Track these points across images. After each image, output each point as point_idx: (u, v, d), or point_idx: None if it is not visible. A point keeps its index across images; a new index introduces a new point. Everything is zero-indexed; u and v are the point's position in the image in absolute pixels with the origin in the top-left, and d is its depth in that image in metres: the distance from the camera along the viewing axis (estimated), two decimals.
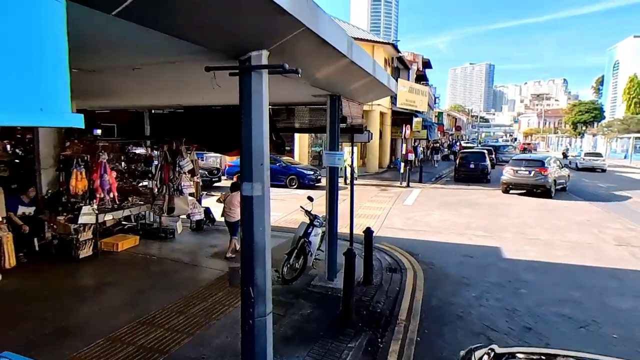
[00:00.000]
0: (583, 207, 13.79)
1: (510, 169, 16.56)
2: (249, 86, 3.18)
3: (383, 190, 17.35)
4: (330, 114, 5.98)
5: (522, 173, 15.95)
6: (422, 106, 30.56)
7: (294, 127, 8.48)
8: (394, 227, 10.58)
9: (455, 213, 12.40)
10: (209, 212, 10.73)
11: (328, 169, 6.11)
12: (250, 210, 3.27)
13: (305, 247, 6.43)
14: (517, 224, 10.97)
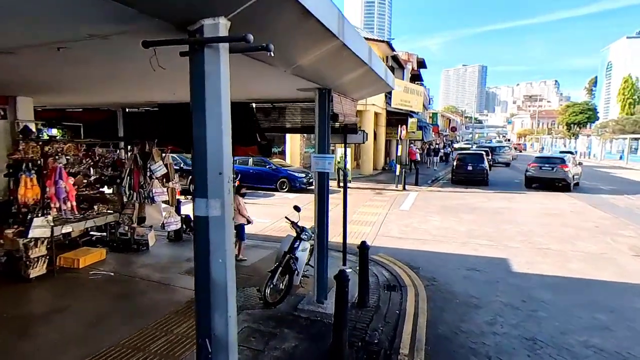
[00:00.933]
0: (589, 212, 13.07)
1: (534, 165, 19.15)
2: (200, 67, 2.32)
3: (378, 194, 16.53)
4: (320, 111, 5.13)
5: (546, 169, 18.57)
6: (417, 106, 29.87)
7: (283, 127, 7.64)
8: (391, 236, 9.75)
9: (456, 219, 11.61)
10: (189, 220, 9.84)
11: (317, 175, 5.26)
12: (204, 237, 2.41)
13: (291, 265, 5.56)
14: (524, 231, 10.20)
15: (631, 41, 69.29)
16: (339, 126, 6.93)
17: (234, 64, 2.46)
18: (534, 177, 18.95)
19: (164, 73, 2.75)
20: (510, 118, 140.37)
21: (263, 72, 3.93)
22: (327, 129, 5.16)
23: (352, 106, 6.43)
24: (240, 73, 3.97)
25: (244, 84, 4.79)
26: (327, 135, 5.15)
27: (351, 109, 6.33)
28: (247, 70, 3.75)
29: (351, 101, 6.35)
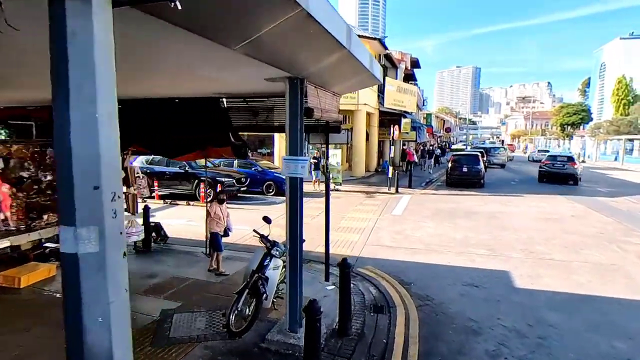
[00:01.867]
0: (591, 216, 12.38)
1: (547, 162, 22.04)
2: (61, 22, 1.49)
3: (369, 197, 15.75)
4: (291, 105, 4.32)
5: (557, 165, 21.37)
6: (411, 106, 29.18)
7: (258, 126, 6.84)
8: (381, 244, 8.95)
9: (451, 225, 10.84)
10: (159, 228, 8.98)
11: (288, 181, 4.44)
12: (74, 284, 1.58)
13: (259, 287, 4.73)
14: (523, 239, 9.45)
15: (624, 42, 69.30)
16: (317, 123, 6.16)
17: (163, 36, 1.65)
18: (547, 173, 21.60)
19: (126, 61, 1.97)
20: (504, 119, 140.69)
21: (208, 53, 3.11)
22: (299, 125, 4.35)
23: (334, 101, 5.62)
24: (178, 51, 3.16)
25: (191, 70, 3.97)
26: (299, 133, 4.34)
27: (332, 104, 5.53)
28: (185, 47, 2.94)
29: (332, 95, 5.55)
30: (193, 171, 14.63)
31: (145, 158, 15.38)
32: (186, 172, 14.71)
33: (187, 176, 14.63)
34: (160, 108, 6.93)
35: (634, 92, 51.78)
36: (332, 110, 5.53)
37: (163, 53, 3.27)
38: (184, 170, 14.73)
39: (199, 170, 14.55)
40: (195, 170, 14.60)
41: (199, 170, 14.55)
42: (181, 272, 6.94)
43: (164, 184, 14.76)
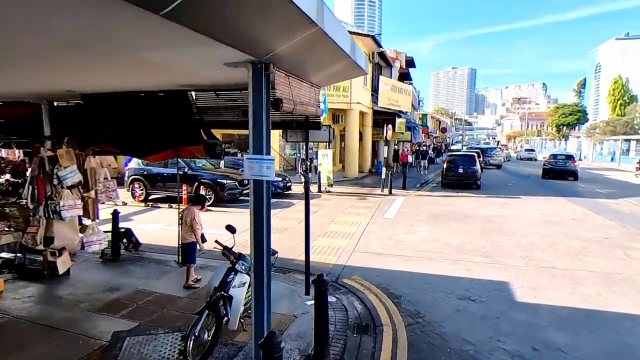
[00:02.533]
0: (592, 219, 11.79)
1: (551, 160, 24.46)
2: None
3: (361, 199, 15.10)
4: (254, 95, 3.65)
5: (560, 164, 23.81)
6: (405, 106, 28.61)
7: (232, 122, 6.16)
8: (370, 251, 8.29)
9: (446, 229, 10.20)
10: (130, 234, 8.29)
11: (252, 185, 3.77)
12: None
13: (220, 308, 4.05)
14: (523, 245, 8.82)
15: (620, 43, 69.15)
16: (294, 118, 5.50)
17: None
18: (551, 170, 23.99)
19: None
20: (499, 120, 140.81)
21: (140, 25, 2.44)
22: (265, 120, 3.68)
23: (312, 93, 4.96)
24: (110, 28, 2.51)
25: (135, 51, 3.29)
26: (264, 128, 3.67)
27: (310, 97, 4.86)
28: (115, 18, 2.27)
29: (310, 87, 4.88)
30: (193, 173, 13.69)
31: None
32: (185, 174, 13.79)
33: (187, 178, 13.62)
34: (126, 103, 6.24)
35: (630, 93, 51.51)
36: (310, 104, 4.87)
37: (95, 32, 2.62)
38: (182, 172, 13.86)
39: (199, 172, 13.76)
40: (196, 172, 13.73)
41: (199, 172, 13.76)
42: (148, 284, 6.26)
43: (161, 187, 13.85)
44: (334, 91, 20.34)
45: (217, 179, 13.50)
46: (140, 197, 14.03)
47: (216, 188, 13.35)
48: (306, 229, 5.77)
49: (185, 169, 13.77)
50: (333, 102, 20.19)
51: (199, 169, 14.05)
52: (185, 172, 13.68)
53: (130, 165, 14.56)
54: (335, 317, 5.27)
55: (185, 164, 13.75)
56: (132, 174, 14.31)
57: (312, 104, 4.97)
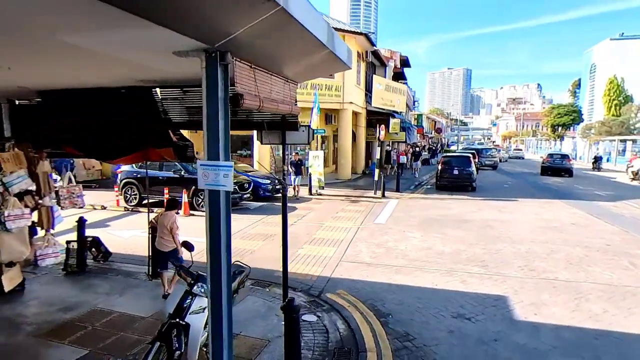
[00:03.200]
0: (593, 224, 11.30)
1: (548, 159, 27.47)
2: None
3: (353, 202, 14.53)
4: (208, 90, 3.06)
5: (557, 162, 26.59)
6: (400, 106, 28.11)
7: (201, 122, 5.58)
8: (358, 261, 7.72)
9: (440, 235, 9.65)
10: (98, 243, 7.67)
11: (207, 196, 3.18)
12: None
13: (173, 339, 3.46)
14: (522, 253, 8.29)
15: (615, 43, 69.15)
16: (271, 119, 4.92)
17: None
18: (549, 167, 26.69)
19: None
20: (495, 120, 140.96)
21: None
22: (223, 118, 3.08)
23: (286, 89, 4.38)
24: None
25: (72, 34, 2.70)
26: (220, 128, 3.08)
27: (283, 94, 4.28)
28: None
29: (284, 82, 4.30)
30: (190, 176, 12.81)
31: None
32: (182, 177, 12.91)
33: (183, 181, 12.85)
34: (87, 101, 5.63)
35: (626, 93, 51.37)
36: (284, 101, 4.29)
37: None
38: (179, 175, 12.97)
39: (196, 175, 13.04)
40: (192, 175, 12.77)
41: (196, 175, 13.04)
42: (109, 301, 5.65)
43: (156, 190, 12.81)
44: (326, 90, 19.78)
45: None
46: (134, 202, 13.36)
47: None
48: (283, 243, 5.19)
49: (182, 172, 13.03)
50: (325, 102, 19.62)
51: (196, 172, 13.31)
52: (182, 175, 12.98)
53: (123, 167, 13.86)
54: (314, 340, 4.70)
55: (182, 167, 13.05)
56: (125, 177, 13.60)
57: (287, 101, 4.39)
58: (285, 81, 4.34)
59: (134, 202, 13.33)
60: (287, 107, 4.33)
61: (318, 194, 16.13)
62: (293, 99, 4.61)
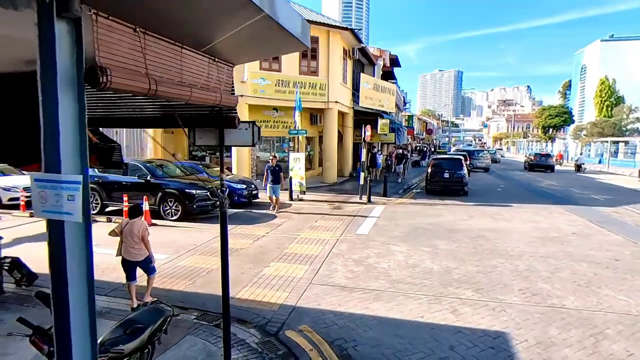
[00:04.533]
0: (596, 233, 10.30)
1: (535, 157, 32.61)
2: None
3: (336, 209, 13.39)
4: (42, 56, 1.88)
5: (542, 160, 31.79)
6: (389, 106, 27.09)
7: (128, 118, 4.42)
8: (332, 283, 6.57)
9: (428, 249, 8.55)
10: (20, 265, 6.42)
11: (48, 227, 1.99)
12: None
13: None
14: (521, 271, 7.21)
15: (605, 44, 69.13)
16: (210, 112, 3.76)
17: None
18: (535, 164, 31.71)
19: None
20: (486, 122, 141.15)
21: None
22: (68, 103, 1.91)
23: (214, 71, 3.22)
24: None
25: None
26: (65, 120, 1.90)
27: (208, 76, 3.12)
28: None
29: (209, 61, 3.14)
30: (157, 181, 11.44)
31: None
32: (148, 183, 11.44)
33: (149, 187, 11.40)
34: None
35: (617, 94, 51.05)
36: (207, 88, 3.13)
37: None
38: (144, 179, 11.50)
39: (164, 180, 11.51)
40: (160, 180, 11.49)
41: (164, 180, 11.51)
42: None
43: (119, 197, 11.53)
44: (310, 89, 18.65)
45: (185, 188, 11.25)
46: (95, 210, 12.03)
47: (184, 199, 11.19)
48: (223, 277, 4.01)
49: (148, 176, 11.62)
50: (308, 101, 18.51)
51: (165, 177, 11.86)
52: (147, 180, 11.53)
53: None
54: None
55: (148, 170, 11.69)
56: None
57: (214, 87, 3.23)
58: (212, 60, 3.18)
59: (95, 210, 12.03)
60: (213, 96, 3.17)
61: (299, 199, 14.97)
62: (227, 86, 3.45)
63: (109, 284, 6.48)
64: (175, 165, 13.32)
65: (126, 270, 5.51)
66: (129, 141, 18.73)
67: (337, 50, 19.50)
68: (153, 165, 12.29)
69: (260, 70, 17.41)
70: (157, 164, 12.79)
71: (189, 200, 11.16)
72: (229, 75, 3.48)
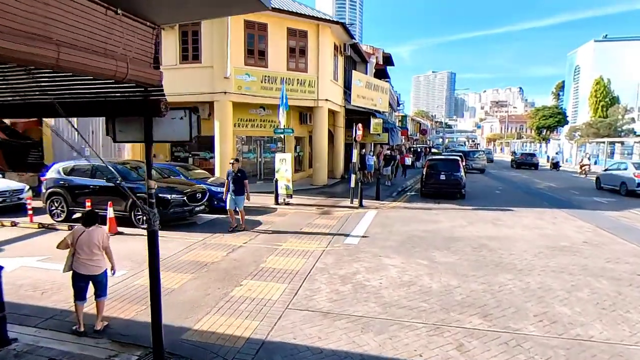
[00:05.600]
0: (608, 242, 9.36)
1: (521, 157, 36.80)
2: None
3: (324, 214, 12.35)
4: None
5: (528, 159, 36.07)
6: (382, 105, 26.11)
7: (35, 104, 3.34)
8: (312, 308, 5.52)
9: (425, 262, 7.54)
10: None
11: None
12: None
13: None
14: (534, 289, 6.22)
15: (599, 45, 68.89)
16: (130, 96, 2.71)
17: None
18: (520, 162, 35.83)
19: None
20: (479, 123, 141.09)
21: None
22: None
23: (116, 29, 2.17)
24: None
25: None
26: None
27: (101, 35, 2.07)
28: None
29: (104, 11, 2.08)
30: (128, 184, 9.88)
31: (63, 166, 11.30)
32: (117, 186, 10.42)
33: (120, 191, 10.07)
34: None
35: (612, 94, 50.60)
36: (105, 52, 2.08)
37: None
38: (114, 183, 10.11)
39: (136, 184, 10.16)
40: (132, 184, 10.13)
41: (136, 184, 10.16)
42: None
43: (83, 202, 10.37)
44: (298, 85, 17.62)
45: (160, 192, 9.65)
46: (61, 216, 10.86)
47: (157, 205, 9.93)
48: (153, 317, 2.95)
49: (118, 179, 10.34)
50: (297, 99, 17.47)
51: (139, 180, 10.55)
52: (117, 183, 10.23)
53: (48, 174, 11.30)
54: None
55: (119, 172, 10.47)
56: (50, 186, 11.02)
57: (115, 52, 2.18)
58: (111, 12, 2.12)
59: (61, 217, 10.86)
60: (110, 65, 2.12)
61: (285, 204, 13.91)
62: (142, 54, 2.41)
63: (43, 310, 5.40)
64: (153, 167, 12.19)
65: (77, 288, 4.74)
66: (105, 140, 17.52)
67: (328, 45, 18.48)
68: (127, 167, 11.13)
69: (245, 65, 16.35)
70: (132, 165, 11.63)
71: (163, 206, 10.00)
72: (147, 40, 2.43)
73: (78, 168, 11.07)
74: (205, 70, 16.00)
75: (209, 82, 15.95)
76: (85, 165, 11.01)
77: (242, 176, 10.04)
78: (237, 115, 17.36)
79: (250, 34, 16.41)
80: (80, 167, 11.06)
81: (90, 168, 10.87)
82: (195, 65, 16.18)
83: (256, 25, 16.45)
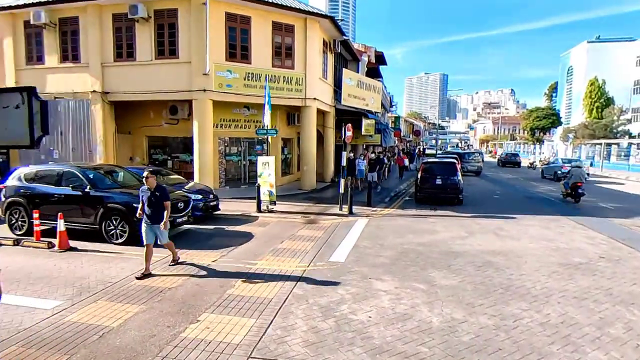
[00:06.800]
0: (630, 258, 8.30)
1: (506, 156, 41.49)
2: None
3: (310, 224, 11.18)
4: None
5: (511, 158, 40.40)
6: (374, 105, 25.02)
7: None
8: (282, 355, 4.33)
9: (423, 287, 6.39)
10: None
11: None
12: None
13: None
14: (555, 324, 5.09)
15: (592, 46, 68.64)
16: None
17: None
18: (505, 161, 40.09)
19: None
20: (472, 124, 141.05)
21: None
22: None
23: None
24: None
25: None
26: None
27: None
28: None
29: None
30: (97, 193, 8.88)
31: (25, 172, 9.90)
32: (85, 195, 8.84)
33: (87, 201, 8.83)
34: None
35: (607, 95, 50.15)
36: None
37: None
38: (80, 191, 8.89)
39: (107, 192, 8.90)
40: (101, 192, 8.84)
41: (107, 192, 8.90)
42: None
43: (49, 213, 8.98)
44: (285, 84, 16.44)
45: (134, 202, 8.25)
46: (21, 229, 9.55)
47: (130, 216, 8.32)
48: None
49: (86, 187, 8.94)
50: (283, 97, 16.30)
51: (112, 187, 9.28)
52: (85, 192, 8.87)
53: (8, 182, 9.90)
54: None
55: (87, 179, 9.12)
56: (10, 195, 9.69)
57: None
58: None
59: (22, 229, 9.53)
60: None
61: (268, 211, 12.71)
62: None
63: None
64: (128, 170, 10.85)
65: None
66: (75, 143, 16.20)
67: (316, 41, 17.32)
68: (98, 173, 9.70)
69: (227, 61, 15.14)
70: (105, 170, 10.23)
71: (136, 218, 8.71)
72: None
73: (42, 174, 9.79)
74: (182, 66, 14.77)
75: (187, 79, 14.73)
76: (51, 170, 9.75)
77: (162, 196, 6.95)
78: (219, 115, 16.14)
79: (232, 27, 15.20)
80: (44, 173, 9.79)
81: (55, 174, 9.58)
82: (172, 61, 14.93)
83: (239, 18, 15.26)
